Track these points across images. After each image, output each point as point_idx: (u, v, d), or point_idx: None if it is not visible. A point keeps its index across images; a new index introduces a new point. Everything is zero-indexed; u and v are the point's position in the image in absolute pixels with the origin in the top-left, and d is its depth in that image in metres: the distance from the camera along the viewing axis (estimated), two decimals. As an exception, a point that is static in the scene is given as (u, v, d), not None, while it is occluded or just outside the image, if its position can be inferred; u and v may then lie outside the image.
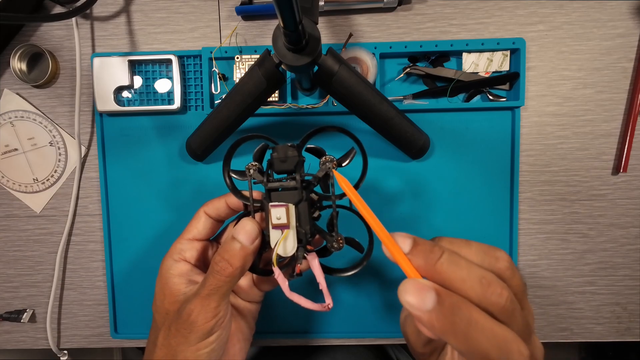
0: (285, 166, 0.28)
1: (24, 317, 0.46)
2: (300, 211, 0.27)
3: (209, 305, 0.28)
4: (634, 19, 0.42)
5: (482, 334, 0.19)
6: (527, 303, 0.22)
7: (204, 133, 0.39)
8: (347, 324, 0.45)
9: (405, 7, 0.42)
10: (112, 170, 0.45)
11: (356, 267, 0.29)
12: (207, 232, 0.33)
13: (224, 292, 0.28)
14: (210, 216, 0.32)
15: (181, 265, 0.31)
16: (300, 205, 0.27)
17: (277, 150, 0.28)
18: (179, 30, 0.44)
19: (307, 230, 0.27)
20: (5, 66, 0.45)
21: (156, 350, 0.30)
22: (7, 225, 0.47)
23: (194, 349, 0.28)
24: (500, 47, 0.41)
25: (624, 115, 0.43)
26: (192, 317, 0.28)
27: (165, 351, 0.29)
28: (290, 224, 0.27)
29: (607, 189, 0.43)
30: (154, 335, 0.31)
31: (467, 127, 0.43)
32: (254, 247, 0.28)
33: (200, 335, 0.28)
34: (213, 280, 0.28)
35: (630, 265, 0.44)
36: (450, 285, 0.20)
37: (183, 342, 0.28)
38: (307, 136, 0.29)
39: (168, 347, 0.29)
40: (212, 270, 0.28)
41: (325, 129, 0.29)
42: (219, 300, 0.28)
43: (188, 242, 0.32)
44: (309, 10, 0.30)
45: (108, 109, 0.43)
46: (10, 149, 0.46)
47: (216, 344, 0.29)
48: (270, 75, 0.33)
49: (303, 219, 0.27)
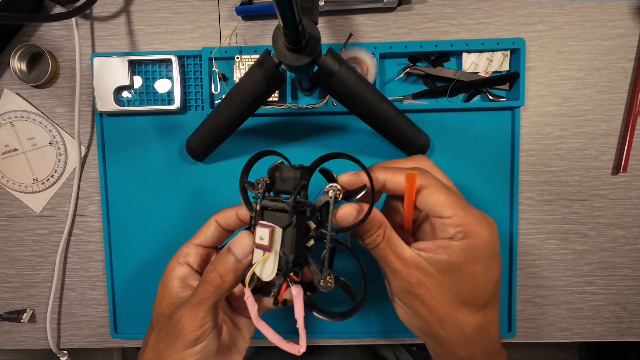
0: (284, 186, 0.27)
1: (24, 317, 0.46)
2: (286, 236, 0.25)
3: (197, 315, 0.28)
4: (633, 19, 0.42)
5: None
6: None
7: (204, 133, 0.39)
8: (344, 325, 0.45)
9: (405, 7, 0.42)
10: (112, 170, 0.45)
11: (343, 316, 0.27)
12: (214, 240, 0.33)
13: (213, 303, 0.28)
14: (220, 225, 0.33)
15: (183, 269, 0.32)
16: (288, 230, 0.25)
17: (281, 169, 0.27)
18: (179, 30, 0.44)
19: (290, 258, 0.25)
20: (5, 66, 0.45)
21: (146, 350, 0.30)
22: (7, 225, 0.47)
23: (179, 356, 0.28)
24: (500, 47, 0.41)
25: (624, 115, 0.43)
26: (181, 323, 0.28)
27: (153, 352, 0.29)
28: (273, 247, 0.25)
29: (607, 189, 0.43)
30: (149, 334, 0.31)
31: (467, 127, 0.43)
32: (247, 261, 0.28)
33: (186, 343, 0.28)
34: (203, 290, 0.28)
35: (630, 265, 0.44)
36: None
37: (169, 347, 0.28)
38: (317, 160, 0.28)
39: (156, 349, 0.29)
40: (203, 280, 0.28)
41: (338, 155, 0.27)
42: (206, 310, 0.28)
43: (194, 247, 0.32)
44: (309, 10, 0.30)
45: (108, 109, 0.43)
46: (10, 149, 0.46)
47: (201, 354, 0.28)
48: (270, 75, 0.33)
49: (287, 246, 0.25)
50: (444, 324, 0.28)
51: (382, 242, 0.27)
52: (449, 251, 0.26)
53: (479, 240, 0.26)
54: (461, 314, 0.27)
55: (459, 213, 0.26)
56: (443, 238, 0.27)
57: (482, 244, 0.26)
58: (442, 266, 0.26)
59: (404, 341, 0.46)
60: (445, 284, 0.27)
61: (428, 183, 0.27)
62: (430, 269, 0.27)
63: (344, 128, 0.43)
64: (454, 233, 0.26)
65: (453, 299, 0.27)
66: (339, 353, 0.54)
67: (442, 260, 0.26)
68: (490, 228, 0.27)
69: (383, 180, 0.28)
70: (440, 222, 0.27)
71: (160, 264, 0.45)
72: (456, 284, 0.27)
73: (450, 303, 0.27)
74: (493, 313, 0.29)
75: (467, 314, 0.27)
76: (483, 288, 0.27)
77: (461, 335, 0.28)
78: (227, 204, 0.44)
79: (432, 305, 0.27)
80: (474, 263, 0.26)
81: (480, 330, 0.28)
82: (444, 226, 0.26)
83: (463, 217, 0.26)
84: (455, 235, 0.26)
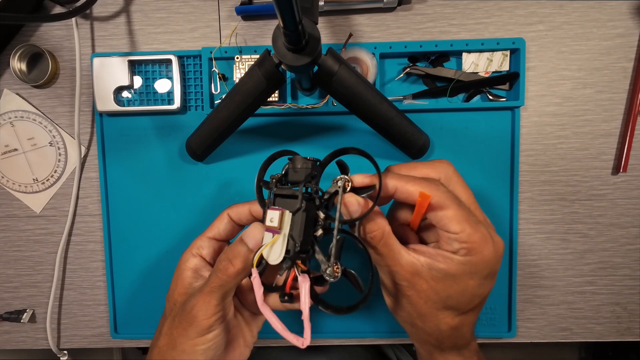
0: (296, 176, 0.28)
1: (24, 317, 0.46)
2: (295, 221, 0.26)
3: (210, 302, 0.29)
4: (633, 19, 0.42)
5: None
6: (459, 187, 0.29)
7: (204, 133, 0.39)
8: (345, 324, 0.45)
9: (405, 7, 0.42)
10: (112, 170, 0.45)
11: (349, 309, 0.27)
12: (226, 234, 0.34)
13: (225, 292, 0.29)
14: (233, 219, 0.33)
15: (196, 260, 0.33)
16: (297, 214, 0.26)
17: (293, 160, 0.28)
18: (179, 30, 0.44)
19: (298, 242, 0.26)
20: (5, 66, 0.45)
21: (160, 337, 0.31)
22: (7, 225, 0.47)
23: (192, 343, 0.29)
24: (500, 47, 0.41)
25: (624, 115, 0.43)
26: (194, 311, 0.29)
27: (167, 340, 0.30)
28: (282, 230, 0.26)
29: (607, 189, 0.43)
30: (162, 323, 0.33)
31: (467, 127, 0.43)
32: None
33: (199, 331, 0.29)
34: (215, 279, 0.29)
35: (630, 265, 0.44)
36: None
37: (183, 334, 0.29)
38: (330, 155, 0.29)
39: (170, 336, 0.30)
40: (215, 269, 0.29)
41: (348, 151, 0.28)
42: (219, 298, 0.29)
43: (207, 240, 0.33)
44: (309, 10, 0.30)
45: (108, 109, 0.43)
46: (10, 149, 0.46)
47: (213, 342, 0.29)
48: (270, 75, 0.33)
49: (295, 230, 0.26)
50: (423, 319, 0.29)
51: (379, 245, 0.28)
52: (449, 262, 0.27)
53: (481, 259, 0.27)
54: (442, 314, 0.29)
55: (466, 230, 0.26)
56: (446, 250, 0.27)
57: (482, 262, 0.27)
58: (438, 274, 0.27)
59: (404, 341, 0.46)
60: (436, 289, 0.28)
61: (439, 197, 0.27)
62: (425, 274, 0.27)
63: (344, 128, 0.43)
64: (458, 248, 0.27)
65: (439, 302, 0.28)
66: (342, 351, 0.54)
67: (440, 268, 0.27)
68: (495, 248, 0.27)
69: (394, 189, 0.28)
70: (447, 236, 0.27)
71: (161, 263, 0.45)
72: (446, 292, 0.28)
73: (435, 305, 0.28)
74: (472, 317, 0.30)
75: (447, 316, 0.29)
76: (471, 300, 0.29)
77: (436, 329, 0.29)
78: (227, 203, 0.44)
79: (417, 304, 0.29)
80: (469, 277, 0.27)
81: (454, 329, 0.29)
82: (450, 240, 0.27)
83: (469, 235, 0.26)
84: (458, 251, 0.27)
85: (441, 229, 0.27)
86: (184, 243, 0.45)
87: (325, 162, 0.29)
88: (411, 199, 0.27)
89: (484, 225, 0.27)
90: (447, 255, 0.27)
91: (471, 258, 0.27)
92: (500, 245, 0.28)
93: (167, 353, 0.30)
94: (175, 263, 0.45)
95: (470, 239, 0.26)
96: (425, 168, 0.29)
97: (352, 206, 0.27)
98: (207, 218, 0.44)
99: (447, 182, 0.29)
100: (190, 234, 0.45)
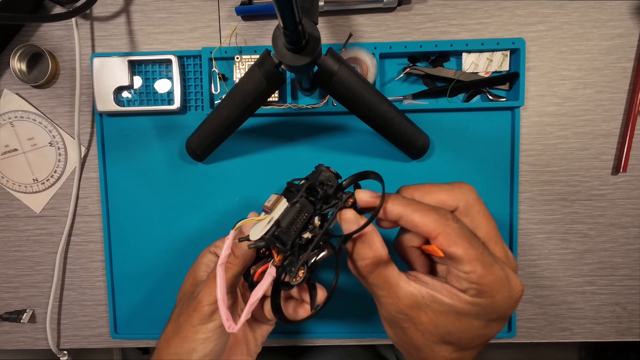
0: (312, 178, 0.29)
1: (23, 317, 0.46)
2: (287, 210, 0.27)
3: (214, 289, 0.29)
4: (633, 19, 0.42)
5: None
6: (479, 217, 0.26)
7: (203, 133, 0.39)
8: (345, 324, 0.45)
9: (405, 7, 0.42)
10: (112, 170, 0.45)
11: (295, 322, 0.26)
12: None
13: (228, 278, 0.30)
14: None
15: (211, 256, 0.34)
16: (294, 207, 0.27)
17: (320, 170, 0.29)
18: (178, 31, 0.44)
19: (282, 228, 0.26)
20: (5, 66, 0.45)
21: (168, 325, 0.32)
22: (7, 226, 0.47)
23: (194, 330, 0.30)
24: (500, 47, 0.41)
25: (624, 115, 0.43)
26: (200, 296, 0.30)
27: (173, 326, 0.32)
28: (272, 213, 0.27)
29: (607, 189, 0.43)
30: (173, 312, 0.34)
31: (467, 127, 0.43)
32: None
33: (202, 317, 0.30)
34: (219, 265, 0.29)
35: (630, 265, 0.44)
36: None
37: (187, 319, 0.30)
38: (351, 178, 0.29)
39: (176, 322, 0.31)
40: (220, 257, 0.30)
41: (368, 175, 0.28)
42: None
43: None
44: (309, 10, 0.30)
45: (108, 109, 0.43)
46: (10, 149, 0.46)
47: (213, 334, 0.30)
48: (270, 75, 0.33)
49: (284, 218, 0.26)
50: (419, 350, 0.27)
51: (370, 277, 0.26)
52: (456, 299, 0.25)
53: (491, 303, 0.24)
54: (439, 347, 0.26)
55: (478, 270, 0.24)
56: (455, 287, 0.25)
57: (493, 306, 0.24)
58: (442, 308, 0.25)
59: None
60: (436, 322, 0.25)
61: (448, 233, 0.24)
62: (427, 307, 0.25)
63: (344, 128, 0.43)
64: (467, 288, 0.24)
65: (437, 335, 0.25)
66: (340, 351, 0.54)
67: (444, 302, 0.25)
68: (510, 294, 0.25)
69: (398, 216, 0.25)
70: (456, 273, 0.24)
71: (161, 263, 0.45)
72: (447, 327, 0.25)
73: (432, 338, 0.26)
74: (472, 354, 0.27)
75: (445, 350, 0.26)
76: (473, 339, 0.26)
77: None
78: (227, 203, 0.44)
79: (413, 336, 0.26)
80: (475, 318, 0.25)
81: None
82: (459, 278, 0.24)
83: (482, 276, 0.24)
84: (468, 290, 0.24)
85: (450, 265, 0.25)
86: (184, 243, 0.45)
87: (346, 184, 0.29)
88: (416, 230, 0.25)
89: (500, 266, 0.24)
90: (454, 292, 0.25)
91: (481, 300, 0.24)
92: (517, 290, 0.25)
93: (171, 339, 0.31)
94: (175, 263, 0.45)
95: (481, 280, 0.24)
96: (442, 193, 0.26)
97: (348, 222, 0.26)
98: (207, 218, 0.44)
99: (466, 211, 0.26)
100: (190, 234, 0.45)
